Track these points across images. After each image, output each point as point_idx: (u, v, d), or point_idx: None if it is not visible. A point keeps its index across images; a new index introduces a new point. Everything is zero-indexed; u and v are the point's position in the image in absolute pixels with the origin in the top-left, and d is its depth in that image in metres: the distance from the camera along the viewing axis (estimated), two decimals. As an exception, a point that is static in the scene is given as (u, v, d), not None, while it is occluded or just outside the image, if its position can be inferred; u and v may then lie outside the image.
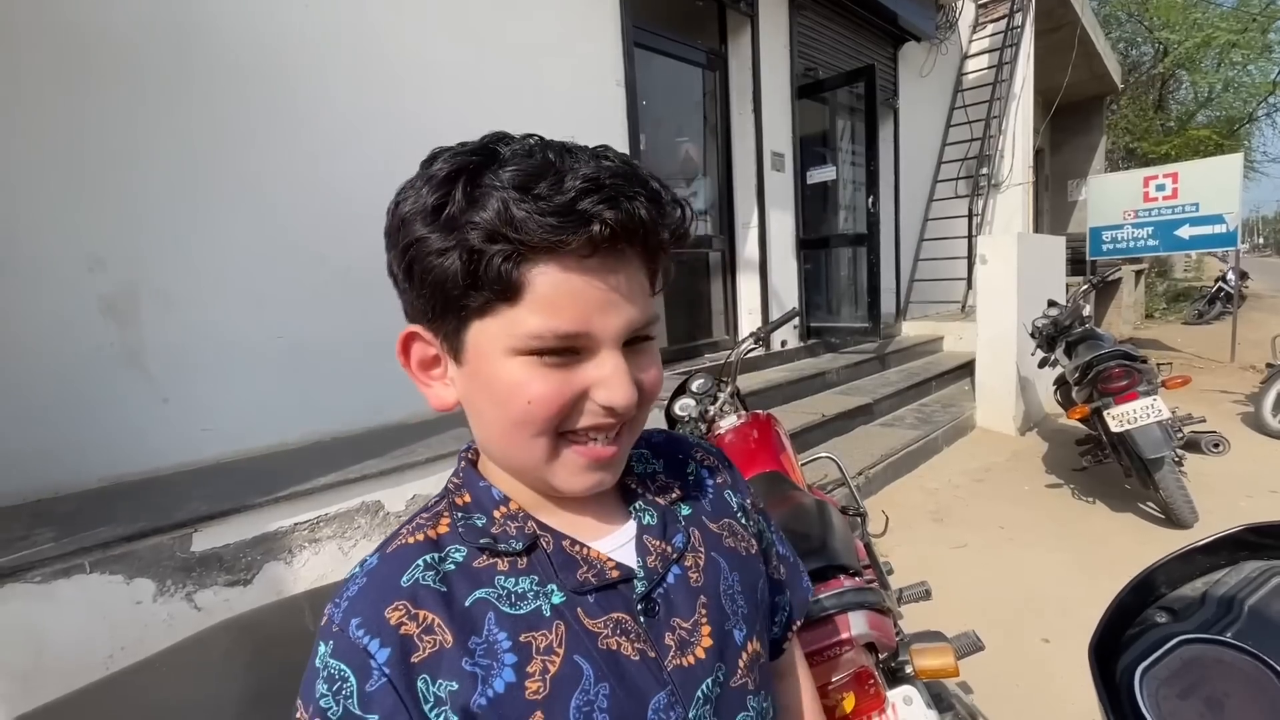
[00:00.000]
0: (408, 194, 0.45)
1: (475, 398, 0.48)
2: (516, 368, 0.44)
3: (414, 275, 0.45)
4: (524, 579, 0.48)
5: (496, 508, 0.50)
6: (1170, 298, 11.86)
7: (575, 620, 0.47)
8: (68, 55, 1.94)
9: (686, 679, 0.49)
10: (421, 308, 0.46)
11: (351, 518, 1.91)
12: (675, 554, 0.53)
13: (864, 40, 5.83)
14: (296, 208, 2.40)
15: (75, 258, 1.95)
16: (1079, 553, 2.68)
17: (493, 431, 0.48)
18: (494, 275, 0.42)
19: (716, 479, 0.62)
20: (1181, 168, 6.52)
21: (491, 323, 0.44)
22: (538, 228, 0.41)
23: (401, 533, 0.50)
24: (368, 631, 0.43)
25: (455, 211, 0.42)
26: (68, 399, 1.92)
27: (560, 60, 3.35)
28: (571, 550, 0.50)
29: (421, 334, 0.48)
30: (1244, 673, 0.48)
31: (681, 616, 0.51)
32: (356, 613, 0.44)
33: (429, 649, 0.44)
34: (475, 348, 0.45)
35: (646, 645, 0.48)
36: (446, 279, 0.43)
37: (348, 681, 0.43)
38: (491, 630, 0.45)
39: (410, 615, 0.44)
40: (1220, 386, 5.24)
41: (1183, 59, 13.73)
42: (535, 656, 0.45)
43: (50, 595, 1.43)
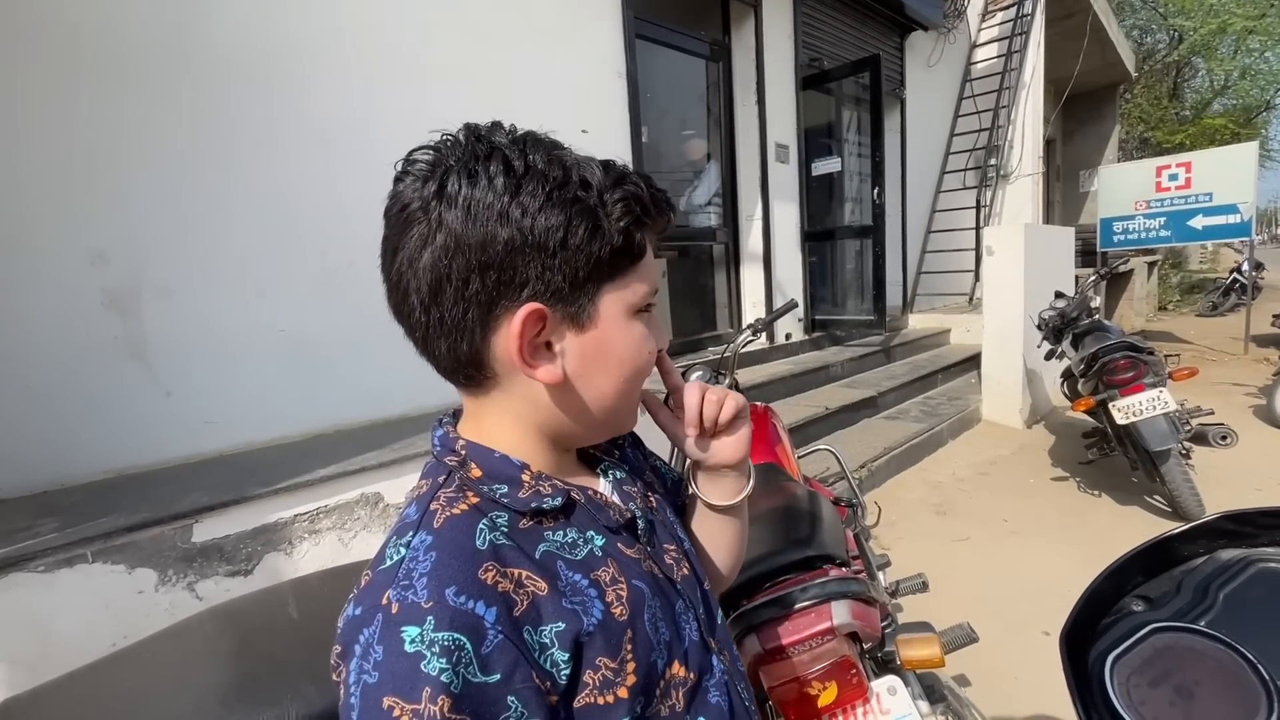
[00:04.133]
0: (525, 182, 0.47)
1: (598, 360, 0.53)
2: (637, 325, 0.54)
3: (562, 253, 0.48)
4: (568, 530, 0.53)
5: (521, 473, 0.53)
6: (1184, 289, 11.69)
7: (621, 554, 0.54)
8: (69, 52, 1.95)
9: (689, 586, 0.60)
10: (555, 284, 0.49)
11: (351, 509, 1.92)
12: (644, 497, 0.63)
13: (870, 30, 5.77)
14: (298, 201, 2.41)
15: (77, 252, 1.97)
16: (1083, 546, 2.65)
17: (610, 388, 0.54)
18: (638, 245, 0.52)
19: (629, 441, 0.72)
20: (1195, 157, 6.41)
21: (622, 287, 0.52)
22: (654, 207, 0.52)
23: (434, 509, 0.50)
24: (470, 596, 0.44)
25: (600, 191, 0.49)
26: (71, 392, 1.95)
27: (561, 53, 3.34)
28: (598, 498, 0.57)
29: (542, 310, 0.49)
30: (1216, 661, 0.48)
31: (667, 543, 0.61)
32: (448, 583, 0.44)
33: (525, 601, 0.46)
34: (608, 312, 0.52)
35: (659, 566, 0.58)
36: (600, 251, 0.49)
37: (464, 649, 0.42)
38: (567, 573, 0.50)
39: (501, 573, 0.46)
40: (1233, 379, 5.17)
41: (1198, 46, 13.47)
42: (608, 588, 0.51)
43: (53, 584, 1.46)
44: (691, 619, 0.58)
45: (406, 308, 0.50)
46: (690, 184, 4.75)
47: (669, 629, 0.55)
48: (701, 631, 0.59)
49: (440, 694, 0.40)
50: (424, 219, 0.47)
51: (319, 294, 2.45)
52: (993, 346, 4.43)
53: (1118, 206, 6.71)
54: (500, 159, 0.47)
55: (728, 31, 4.55)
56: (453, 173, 0.47)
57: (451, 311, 0.48)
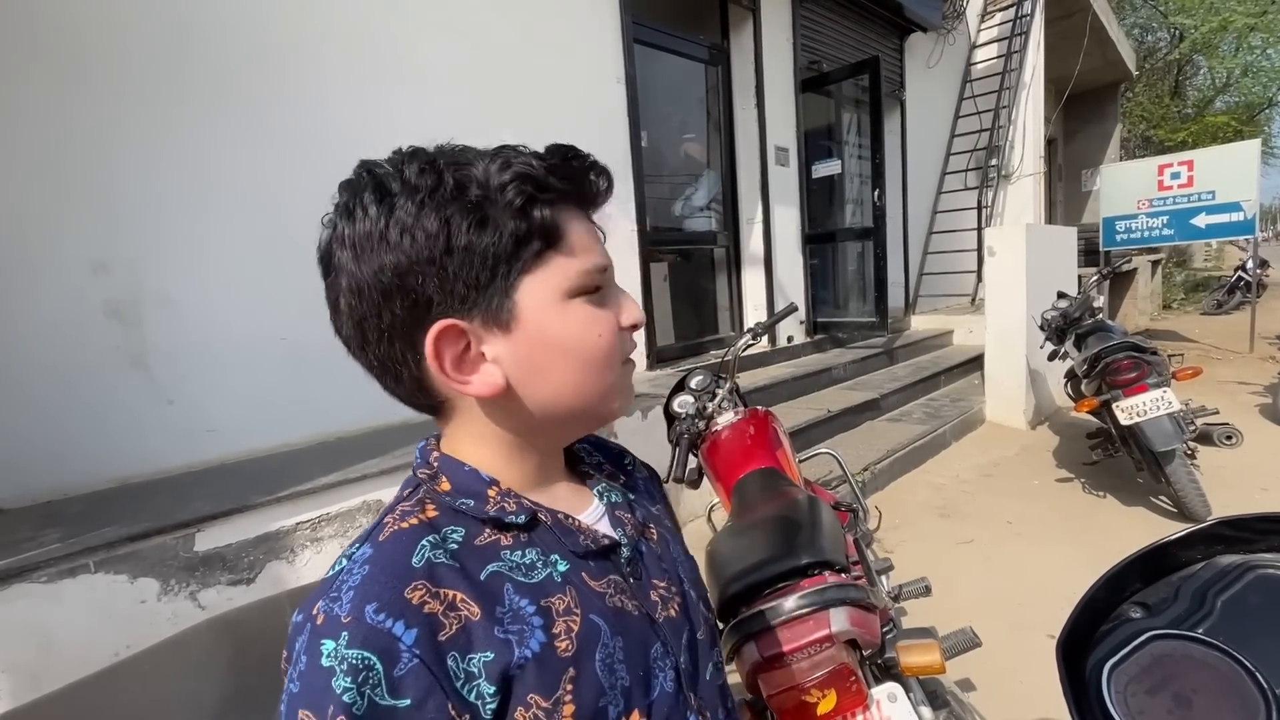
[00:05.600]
0: (398, 200, 0.45)
1: (540, 357, 0.50)
2: (578, 309, 0.50)
3: (450, 261, 0.46)
4: (529, 551, 0.50)
5: (488, 488, 0.51)
6: (1188, 288, 11.64)
7: (583, 584, 0.51)
8: (70, 61, 1.97)
9: (672, 630, 0.55)
10: (459, 292, 0.47)
11: (353, 517, 1.93)
12: (640, 528, 0.59)
13: (869, 32, 5.77)
14: (298, 209, 2.39)
15: (79, 262, 1.98)
16: (1088, 547, 2.64)
17: (567, 382, 0.51)
18: (544, 223, 0.47)
19: (643, 474, 0.69)
20: (1197, 155, 6.39)
21: (543, 274, 0.48)
22: (562, 179, 0.48)
23: (386, 522, 0.49)
24: (389, 614, 0.42)
25: (482, 182, 0.46)
26: (74, 402, 1.96)
27: (560, 58, 3.35)
28: (567, 522, 0.53)
29: (459, 323, 0.47)
30: (1214, 669, 0.47)
31: (658, 578, 0.57)
32: (369, 599, 0.42)
33: (455, 625, 0.44)
34: (531, 305, 0.48)
35: (639, 602, 0.54)
36: (496, 243, 0.46)
37: (373, 670, 0.40)
38: (513, 598, 0.47)
39: (432, 594, 0.44)
40: (1238, 378, 5.14)
41: (1199, 44, 13.43)
42: (558, 618, 0.48)
43: (56, 595, 1.46)
44: (669, 667, 0.54)
45: (352, 351, 0.51)
46: (691, 188, 4.76)
47: (632, 674, 0.50)
48: (680, 684, 0.54)
49: (341, 713, 0.39)
50: (329, 268, 0.49)
51: (319, 301, 2.41)
52: (995, 347, 4.41)
53: (1120, 205, 6.69)
54: (373, 186, 0.46)
55: (726, 35, 4.56)
56: (339, 213, 0.47)
57: (379, 350, 0.49)
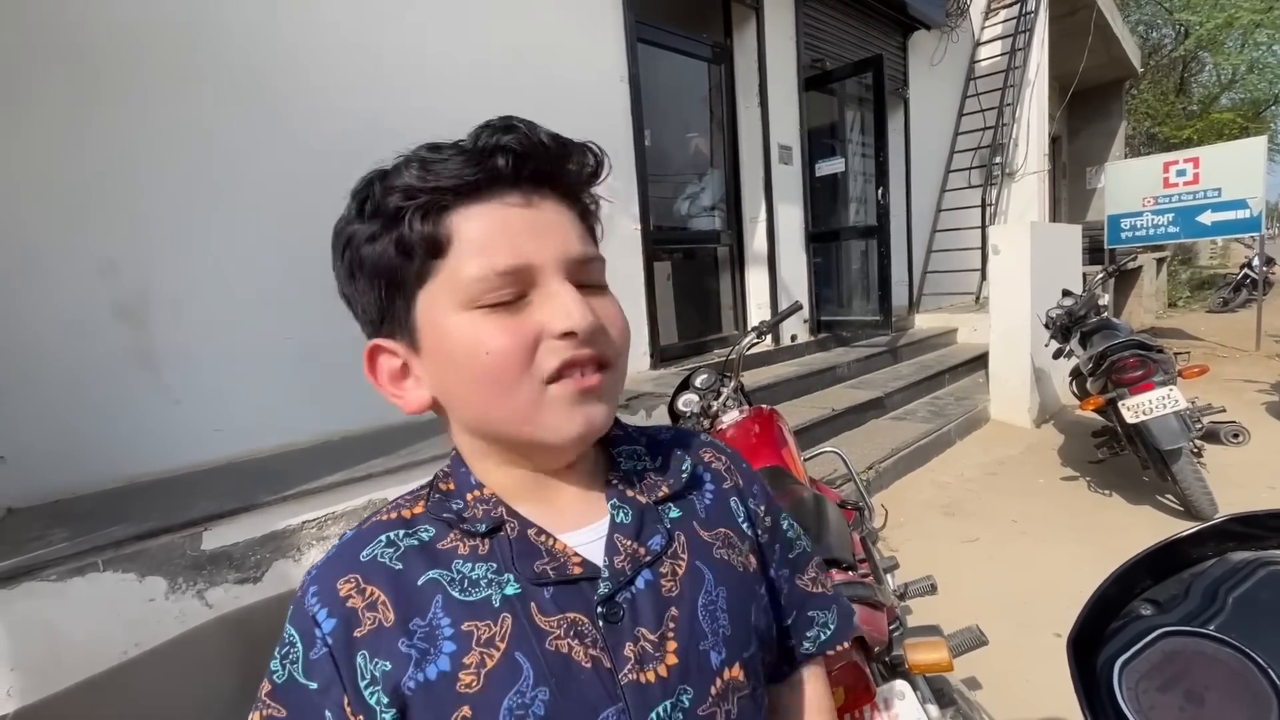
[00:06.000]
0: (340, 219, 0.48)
1: (442, 376, 0.47)
2: (466, 322, 0.44)
3: (357, 276, 0.47)
4: (481, 565, 0.46)
5: (470, 491, 0.50)
6: (1194, 285, 11.59)
7: (525, 615, 0.44)
8: (77, 64, 1.98)
9: (641, 697, 0.44)
10: (374, 309, 0.48)
11: (359, 515, 1.93)
12: (649, 557, 0.49)
13: (872, 30, 5.76)
14: (303, 210, 2.41)
15: (87, 262, 1.99)
16: (1094, 546, 2.63)
17: (467, 401, 0.47)
18: (420, 233, 0.44)
19: (722, 484, 0.57)
20: (1202, 152, 6.37)
21: (433, 286, 0.45)
22: (448, 172, 0.43)
23: (382, 510, 0.52)
24: (321, 602, 0.45)
25: (376, 196, 0.45)
26: (82, 402, 1.97)
27: (563, 58, 3.35)
28: (535, 539, 0.47)
29: (383, 343, 0.48)
30: (1226, 665, 0.47)
31: (647, 627, 0.46)
32: (316, 581, 0.46)
33: (369, 625, 0.44)
34: (426, 321, 0.46)
35: (602, 653, 0.45)
36: (382, 258, 0.45)
37: (295, 647, 0.44)
38: (436, 614, 0.44)
39: (359, 590, 0.45)
40: (1244, 375, 5.12)
41: (1205, 40, 13.38)
42: (474, 648, 0.43)
43: (65, 593, 1.47)
44: None
45: None
46: (695, 186, 4.75)
47: None
48: None
49: (266, 678, 0.45)
50: None
51: (326, 301, 2.43)
52: (1000, 346, 4.40)
53: (1125, 203, 6.67)
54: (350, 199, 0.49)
55: (729, 34, 4.55)
56: None
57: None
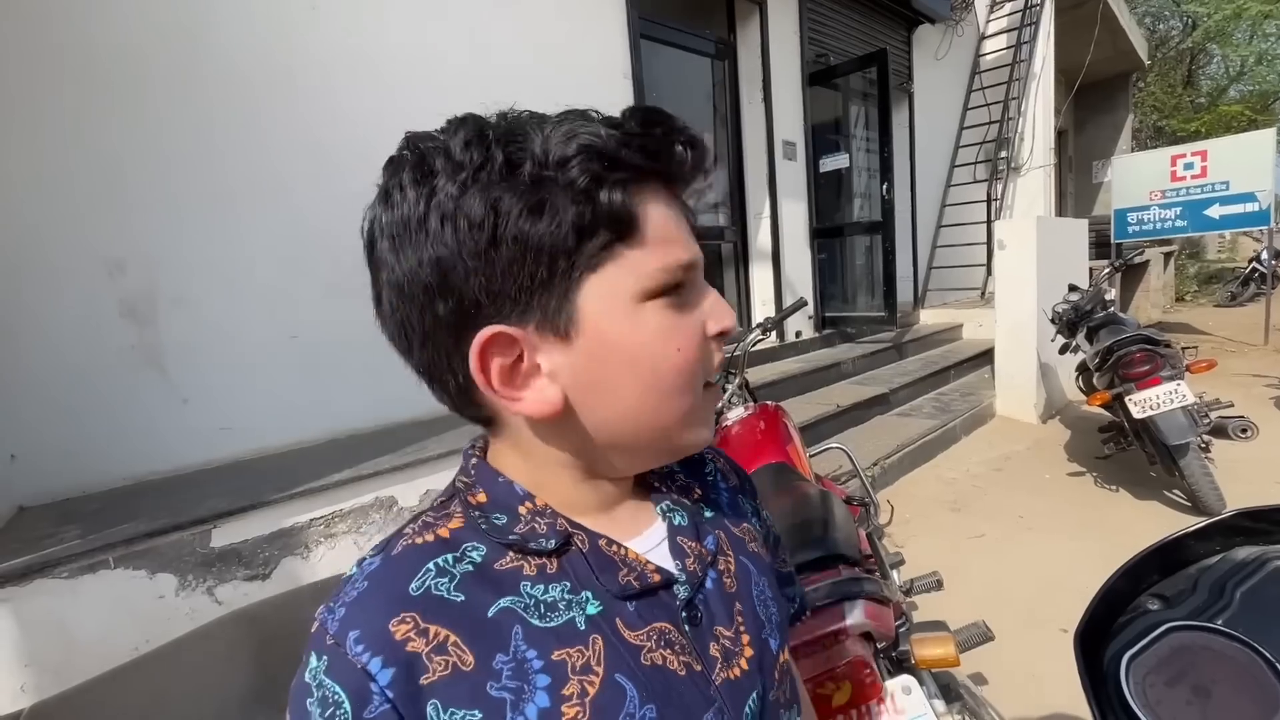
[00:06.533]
0: (439, 181, 0.38)
1: (602, 373, 0.41)
2: (652, 315, 0.40)
3: (496, 255, 0.37)
4: (554, 586, 0.42)
5: (521, 503, 0.44)
6: (1202, 280, 11.51)
7: (614, 634, 0.41)
8: (85, 66, 1.99)
9: (735, 693, 0.44)
10: (509, 293, 0.39)
11: (366, 513, 1.95)
12: (710, 557, 0.48)
13: (876, 24, 5.73)
14: (309, 208, 2.43)
15: (95, 262, 2.01)
16: (1100, 541, 2.62)
17: (635, 405, 0.42)
18: (613, 210, 0.38)
19: (730, 483, 0.58)
20: (1210, 145, 6.32)
21: (611, 272, 0.39)
22: (641, 152, 0.39)
23: (407, 532, 0.43)
24: (368, 648, 0.37)
25: (539, 158, 0.37)
26: (91, 401, 1.99)
27: (566, 55, 3.35)
28: (609, 550, 0.43)
29: (509, 331, 0.39)
30: (1233, 660, 0.47)
31: (723, 625, 0.46)
32: (355, 624, 0.38)
33: (440, 671, 0.37)
34: (595, 310, 0.39)
35: (692, 658, 0.43)
36: (552, 235, 0.37)
37: (341, 708, 0.36)
38: (519, 646, 0.39)
39: (419, 630, 0.38)
40: (1253, 370, 5.09)
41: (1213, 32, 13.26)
42: (571, 677, 0.39)
43: (77, 590, 1.49)
44: None
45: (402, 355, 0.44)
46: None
47: None
48: None
49: None
50: (372, 261, 0.41)
51: (331, 299, 2.47)
52: (1006, 341, 4.38)
53: (1132, 197, 6.62)
54: (413, 164, 0.38)
55: (733, 29, 4.54)
56: (377, 199, 0.40)
57: (422, 355, 0.42)
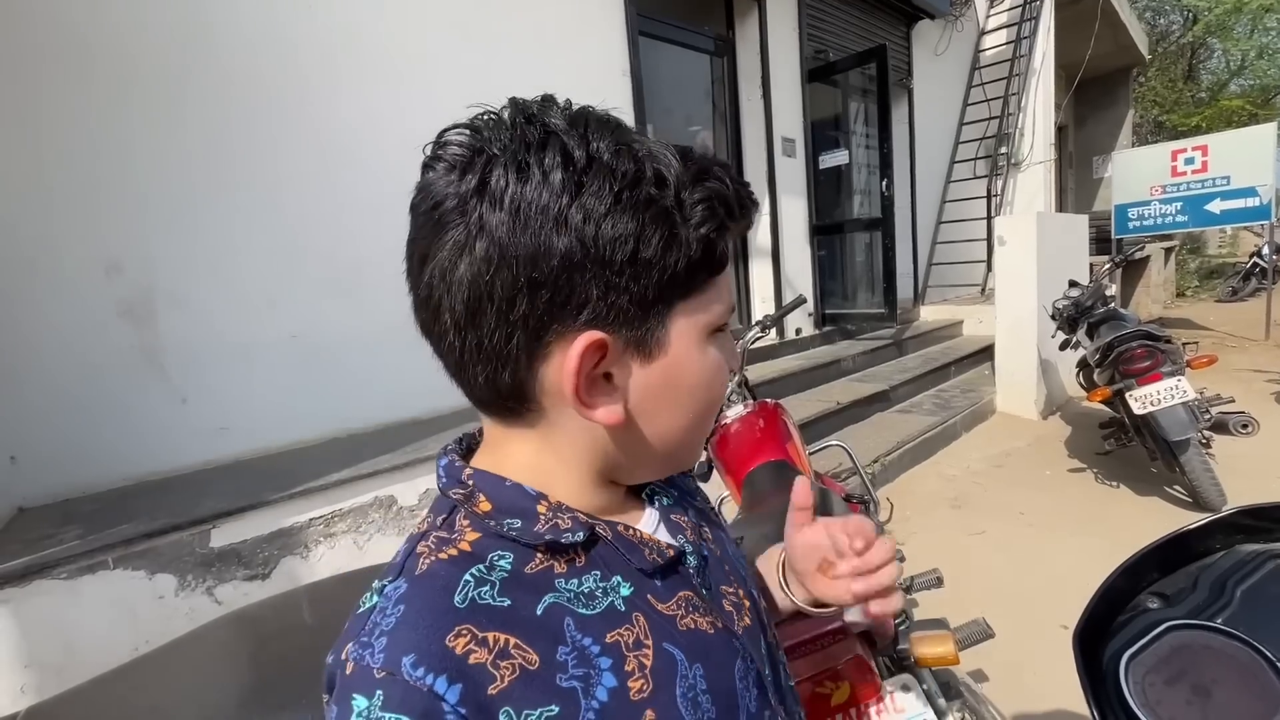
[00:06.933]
0: (591, 180, 0.38)
1: (666, 393, 0.45)
2: (713, 351, 0.46)
3: (626, 270, 0.39)
4: (587, 577, 0.43)
5: (536, 503, 0.44)
6: (1203, 275, 11.49)
7: (650, 609, 0.44)
8: (83, 66, 1.99)
9: (753, 640, 0.50)
10: (620, 305, 0.40)
11: (365, 512, 1.94)
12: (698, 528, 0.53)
13: (876, 20, 5.72)
14: (306, 208, 2.43)
15: (93, 263, 2.00)
16: (1101, 537, 2.62)
17: (678, 424, 0.46)
18: (718, 254, 0.43)
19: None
20: (1211, 140, 6.30)
21: (697, 304, 0.44)
22: (738, 208, 0.43)
23: (420, 551, 0.42)
24: (429, 669, 0.36)
25: (677, 190, 0.40)
26: (90, 402, 1.98)
27: (564, 53, 3.34)
28: (629, 535, 0.46)
29: (605, 339, 0.40)
30: (1234, 659, 0.47)
31: (725, 584, 0.51)
32: (408, 648, 0.36)
33: (509, 676, 0.37)
34: (679, 338, 0.43)
35: (715, 616, 0.48)
36: (675, 265, 0.40)
37: None
38: (575, 636, 0.41)
39: (478, 640, 0.37)
40: (1254, 365, 5.08)
41: (1213, 26, 13.22)
42: (628, 654, 0.41)
43: (76, 591, 1.49)
44: (752, 684, 0.48)
45: (438, 328, 0.41)
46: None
47: (718, 702, 0.44)
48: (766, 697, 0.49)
49: None
50: (460, 222, 0.38)
51: (329, 298, 2.47)
52: (1006, 337, 4.38)
53: (1133, 192, 6.61)
54: (557, 148, 0.38)
55: (731, 26, 4.53)
56: (498, 164, 0.38)
57: (493, 336, 0.40)
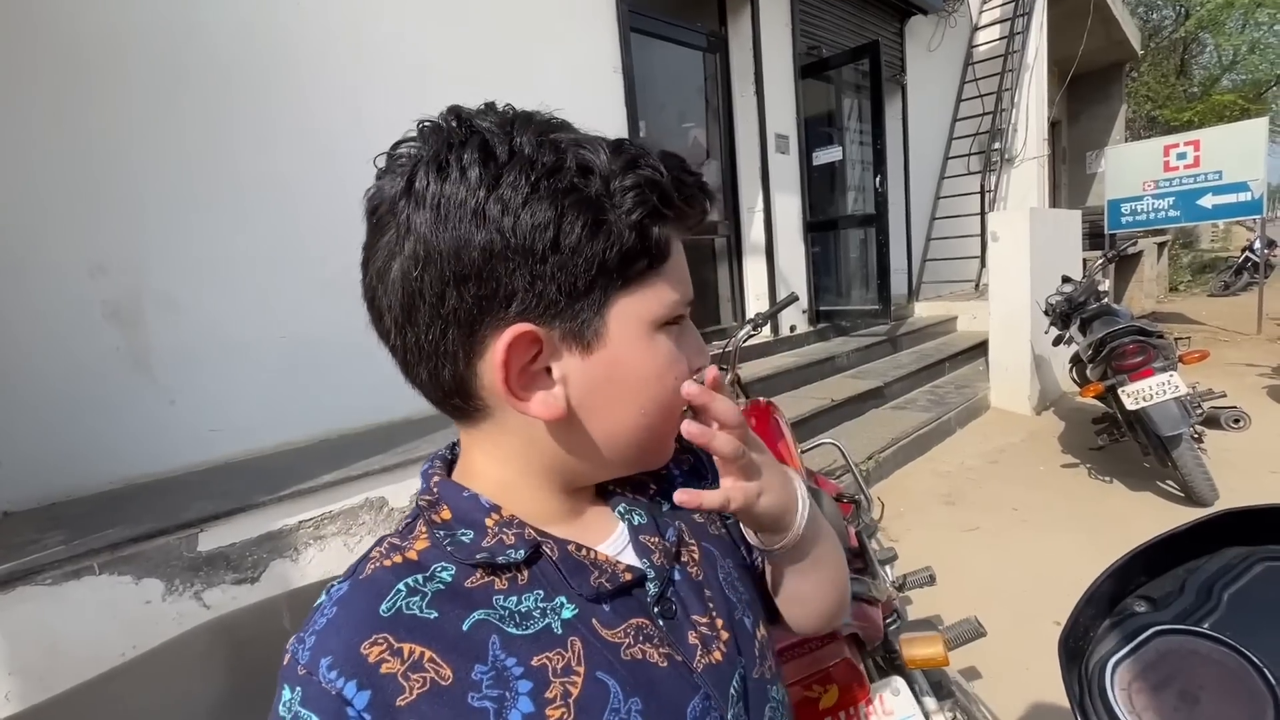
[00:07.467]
0: (508, 172, 0.38)
1: (610, 387, 0.43)
2: (663, 343, 0.44)
3: (550, 258, 0.39)
4: (527, 596, 0.43)
5: (487, 516, 0.44)
6: (1195, 269, 11.54)
7: (591, 634, 0.43)
8: (68, 63, 1.96)
9: (718, 678, 0.46)
10: (549, 296, 0.40)
11: (356, 514, 1.93)
12: (674, 549, 0.50)
13: (868, 16, 5.71)
14: (296, 207, 2.41)
15: (77, 265, 1.98)
16: (1094, 533, 2.63)
17: (628, 421, 0.44)
18: (654, 241, 0.42)
19: (684, 466, 0.58)
20: (1203, 135, 6.33)
21: (639, 296, 0.42)
22: (678, 196, 0.42)
23: (373, 555, 0.44)
24: (341, 673, 0.37)
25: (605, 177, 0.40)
26: (77, 404, 1.96)
27: (556, 49, 3.32)
28: (578, 555, 0.45)
29: (535, 331, 0.40)
30: (1221, 664, 0.46)
31: (697, 613, 0.48)
32: (327, 650, 0.38)
33: (418, 689, 0.38)
34: (620, 328, 0.42)
35: (672, 649, 0.45)
36: (604, 254, 0.40)
37: None
38: (498, 655, 0.40)
39: (393, 650, 0.38)
40: (1246, 359, 5.10)
41: (1205, 21, 13.28)
42: (553, 680, 0.40)
43: (61, 597, 1.47)
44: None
45: (382, 328, 0.43)
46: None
47: None
48: None
49: None
50: (392, 223, 0.40)
51: (320, 298, 2.45)
52: (1000, 333, 4.39)
53: (1125, 187, 6.63)
54: (477, 145, 0.39)
55: (724, 22, 4.51)
56: (422, 165, 0.39)
57: (428, 333, 0.41)
